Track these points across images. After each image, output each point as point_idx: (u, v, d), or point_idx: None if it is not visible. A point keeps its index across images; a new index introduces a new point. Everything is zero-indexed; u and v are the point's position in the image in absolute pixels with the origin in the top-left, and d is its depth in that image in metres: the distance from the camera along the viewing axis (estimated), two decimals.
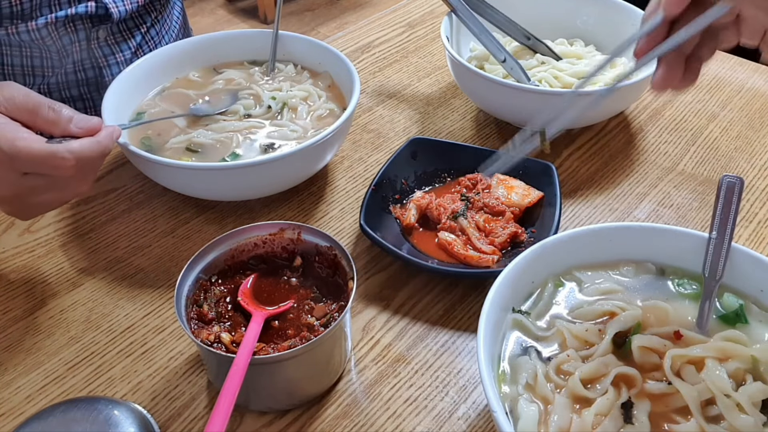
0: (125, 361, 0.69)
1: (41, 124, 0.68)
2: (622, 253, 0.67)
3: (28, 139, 0.65)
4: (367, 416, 0.64)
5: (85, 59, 0.96)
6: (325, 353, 0.63)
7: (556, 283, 0.66)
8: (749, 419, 0.53)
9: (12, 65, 0.91)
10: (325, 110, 0.91)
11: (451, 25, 1.01)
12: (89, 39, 0.94)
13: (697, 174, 0.93)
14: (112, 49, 0.98)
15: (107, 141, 0.70)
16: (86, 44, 0.95)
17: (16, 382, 0.67)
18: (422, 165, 0.87)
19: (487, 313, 0.58)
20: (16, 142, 0.64)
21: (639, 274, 0.67)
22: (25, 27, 0.87)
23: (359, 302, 0.75)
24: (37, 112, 0.67)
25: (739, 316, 0.62)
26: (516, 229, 0.78)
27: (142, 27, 1.02)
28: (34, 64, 0.92)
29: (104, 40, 0.96)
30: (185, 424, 0.64)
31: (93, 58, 0.96)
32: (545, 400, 0.56)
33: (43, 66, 0.93)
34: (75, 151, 0.66)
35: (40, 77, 0.93)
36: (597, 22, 1.07)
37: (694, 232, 0.66)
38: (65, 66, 0.94)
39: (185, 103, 0.92)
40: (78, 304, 0.74)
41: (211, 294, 0.66)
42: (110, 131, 0.71)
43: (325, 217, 0.86)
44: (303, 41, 0.99)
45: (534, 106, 0.91)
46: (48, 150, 0.65)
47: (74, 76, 0.96)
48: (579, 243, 0.67)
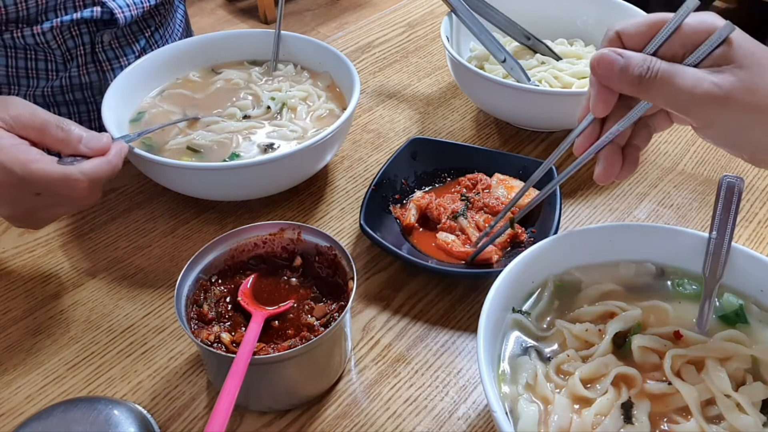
0: (125, 361, 0.69)
1: (50, 143, 0.68)
2: (622, 253, 0.67)
3: (41, 161, 0.65)
4: (367, 416, 0.64)
5: (89, 63, 0.96)
6: (325, 353, 0.63)
7: (556, 283, 0.66)
8: (749, 419, 0.53)
9: (16, 67, 0.91)
10: (324, 110, 0.91)
11: (451, 25, 1.01)
12: (94, 43, 0.95)
13: (697, 174, 0.93)
14: (116, 53, 0.98)
15: (117, 160, 0.70)
16: (90, 48, 0.95)
17: (16, 382, 0.67)
18: (422, 165, 0.87)
19: (487, 313, 0.58)
20: (29, 165, 0.64)
21: (639, 274, 0.67)
22: (30, 31, 0.87)
23: (359, 302, 0.75)
24: (46, 131, 0.67)
25: (739, 316, 0.62)
26: (516, 229, 0.78)
27: (146, 31, 1.02)
28: (38, 66, 0.92)
29: (108, 44, 0.96)
30: (185, 424, 0.64)
31: (97, 62, 0.96)
32: (545, 400, 0.56)
33: (47, 69, 0.93)
34: (87, 173, 0.66)
35: (44, 80, 0.93)
36: (597, 22, 1.07)
37: (694, 232, 0.66)
38: (69, 70, 0.94)
39: (185, 103, 0.92)
40: (78, 304, 0.74)
41: (211, 294, 0.66)
42: (119, 149, 0.71)
43: (325, 217, 0.86)
44: (303, 41, 0.99)
45: (534, 106, 0.91)
46: (61, 173, 0.65)
47: (78, 79, 0.96)
48: (579, 243, 0.67)
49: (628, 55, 0.52)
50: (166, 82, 0.95)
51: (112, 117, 0.82)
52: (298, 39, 0.99)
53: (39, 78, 0.93)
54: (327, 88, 0.95)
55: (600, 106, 0.56)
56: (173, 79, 0.96)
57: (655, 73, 0.50)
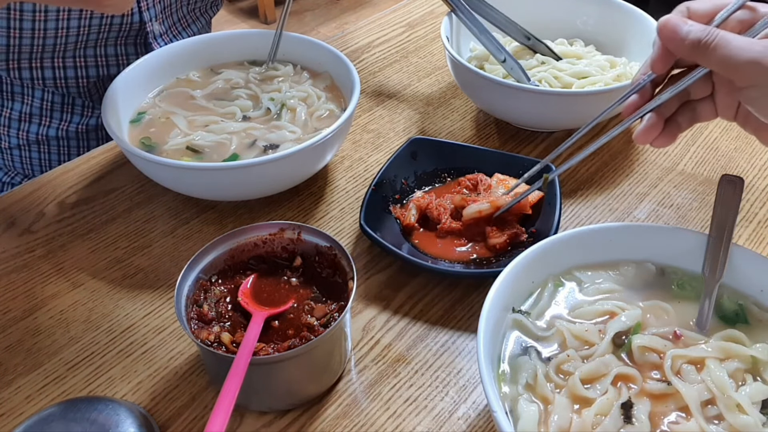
0: (125, 361, 0.69)
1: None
2: (622, 253, 0.67)
3: None
4: (367, 416, 0.64)
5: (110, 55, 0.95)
6: (325, 353, 0.63)
7: (556, 283, 0.66)
8: (749, 419, 0.53)
9: (52, 102, 0.90)
10: (324, 111, 0.91)
11: (451, 25, 1.01)
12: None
13: (697, 174, 0.93)
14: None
15: None
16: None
17: (16, 382, 0.67)
18: (422, 165, 0.87)
19: (487, 313, 0.58)
20: None
21: (639, 274, 0.67)
22: (75, 83, 0.87)
23: (359, 302, 0.75)
24: None
25: (739, 316, 0.62)
26: (516, 229, 0.78)
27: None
28: (75, 103, 0.91)
29: None
30: (185, 424, 0.64)
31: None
32: (545, 400, 0.56)
33: (83, 106, 0.92)
34: None
35: (79, 116, 0.92)
36: (597, 22, 1.07)
37: (694, 232, 0.66)
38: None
39: (185, 103, 0.92)
40: (78, 304, 0.74)
41: (211, 294, 0.66)
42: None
43: (325, 217, 0.86)
44: (303, 41, 0.99)
45: (534, 106, 0.91)
46: None
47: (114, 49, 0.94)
48: (579, 243, 0.67)
49: (690, 22, 0.58)
50: (166, 82, 0.95)
51: (112, 118, 0.82)
52: (298, 39, 0.99)
53: (74, 113, 0.94)
54: (327, 88, 0.95)
55: (659, 64, 0.62)
56: (173, 79, 0.96)
57: (714, 37, 0.56)
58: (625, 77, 0.96)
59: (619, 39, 1.04)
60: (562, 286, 0.66)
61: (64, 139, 0.95)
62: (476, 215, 0.78)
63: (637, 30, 1.01)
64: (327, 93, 0.94)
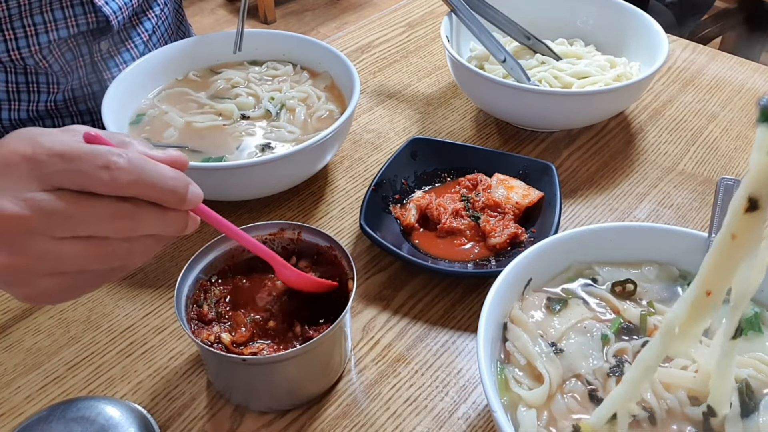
0: (125, 361, 0.69)
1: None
2: (622, 253, 0.67)
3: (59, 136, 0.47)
4: (367, 416, 0.64)
5: (89, 73, 0.95)
6: (325, 353, 0.63)
7: None
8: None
9: (16, 83, 0.91)
10: (324, 111, 0.91)
11: (451, 25, 1.01)
12: (92, 53, 0.94)
13: (697, 174, 0.93)
14: (115, 60, 0.98)
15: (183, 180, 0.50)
16: (90, 58, 0.95)
17: (16, 382, 0.67)
18: (422, 165, 0.87)
19: (487, 313, 0.58)
20: (39, 138, 0.46)
21: (642, 275, 0.67)
22: (29, 51, 0.87)
23: (359, 302, 0.75)
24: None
25: (752, 324, 0.61)
26: (516, 229, 0.78)
27: (143, 35, 1.02)
28: (39, 80, 0.92)
29: (107, 51, 0.96)
30: (185, 424, 0.64)
31: (97, 71, 0.96)
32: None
33: (48, 83, 0.92)
34: (133, 160, 0.47)
35: (45, 94, 0.93)
36: (597, 22, 1.07)
37: (694, 232, 0.66)
38: (71, 82, 0.94)
39: (185, 103, 0.92)
40: (78, 304, 0.74)
41: (211, 294, 0.66)
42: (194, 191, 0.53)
43: (325, 217, 0.86)
44: (303, 41, 0.99)
45: (534, 106, 0.91)
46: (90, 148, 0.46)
47: (81, 91, 0.96)
48: (579, 243, 0.67)
49: None
50: (166, 82, 0.95)
51: (112, 119, 0.82)
52: (298, 39, 0.99)
53: (40, 92, 0.93)
54: (327, 88, 0.95)
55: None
56: (173, 79, 0.96)
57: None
58: (625, 77, 0.96)
59: (619, 39, 1.04)
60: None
61: (36, 120, 0.95)
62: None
63: (637, 30, 1.01)
64: (327, 93, 0.94)
